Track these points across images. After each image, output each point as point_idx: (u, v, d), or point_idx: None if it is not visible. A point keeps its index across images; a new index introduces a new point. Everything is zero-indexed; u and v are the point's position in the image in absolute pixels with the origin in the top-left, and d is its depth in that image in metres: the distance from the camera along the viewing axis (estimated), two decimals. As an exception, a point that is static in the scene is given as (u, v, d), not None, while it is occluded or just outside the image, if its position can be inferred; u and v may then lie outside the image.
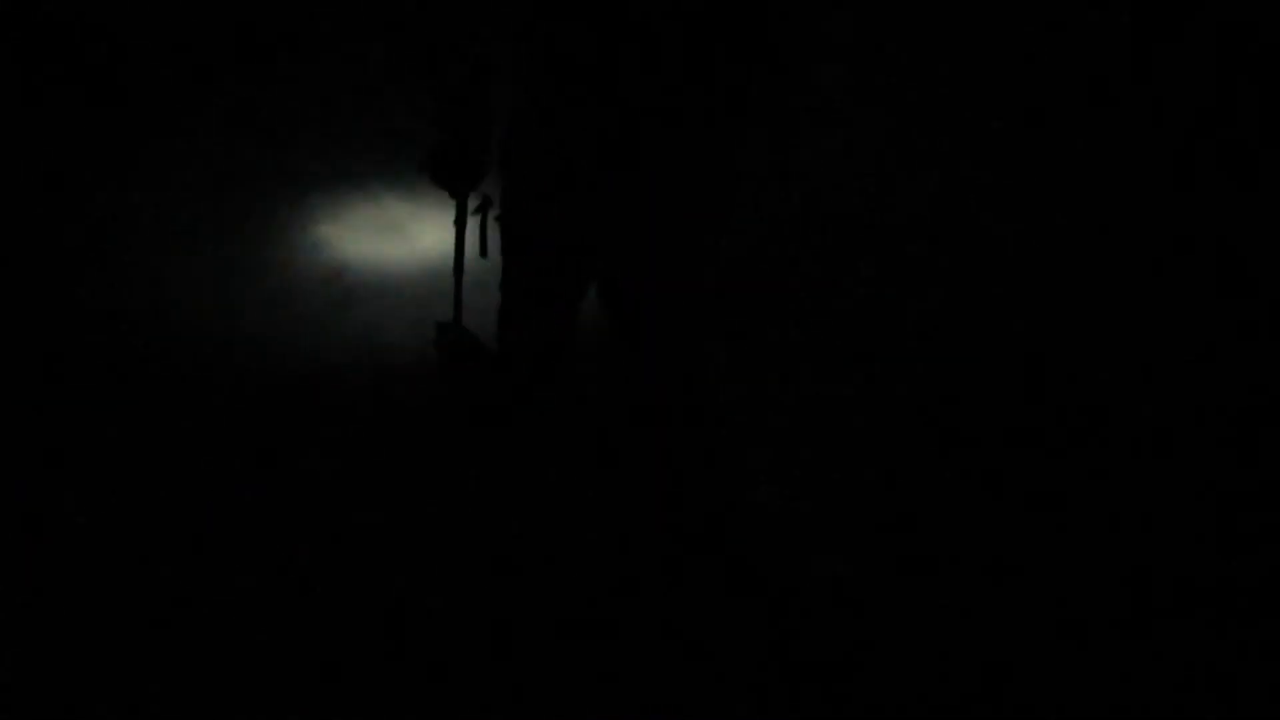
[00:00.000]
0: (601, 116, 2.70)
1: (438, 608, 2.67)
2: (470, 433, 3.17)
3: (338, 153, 4.57)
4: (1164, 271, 4.03)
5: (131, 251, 4.09)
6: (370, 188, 4.41)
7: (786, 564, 2.81)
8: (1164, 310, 3.84)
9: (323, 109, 4.90)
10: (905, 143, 4.92)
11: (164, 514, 2.98)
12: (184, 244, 4.19)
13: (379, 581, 2.76)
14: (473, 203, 2.96)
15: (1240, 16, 4.95)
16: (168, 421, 3.34)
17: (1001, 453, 3.20)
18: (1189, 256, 4.08)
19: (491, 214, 2.93)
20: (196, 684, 2.45)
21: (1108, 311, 3.86)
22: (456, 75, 2.76)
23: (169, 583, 2.75)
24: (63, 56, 5.02)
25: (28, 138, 4.65)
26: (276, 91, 5.01)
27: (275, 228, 4.29)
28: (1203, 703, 2.40)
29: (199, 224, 4.30)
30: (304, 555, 2.84)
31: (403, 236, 4.14)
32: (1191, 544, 2.83)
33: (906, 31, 5.41)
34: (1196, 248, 4.12)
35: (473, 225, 2.91)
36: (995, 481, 3.08)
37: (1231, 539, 2.85)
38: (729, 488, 3.10)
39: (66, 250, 4.09)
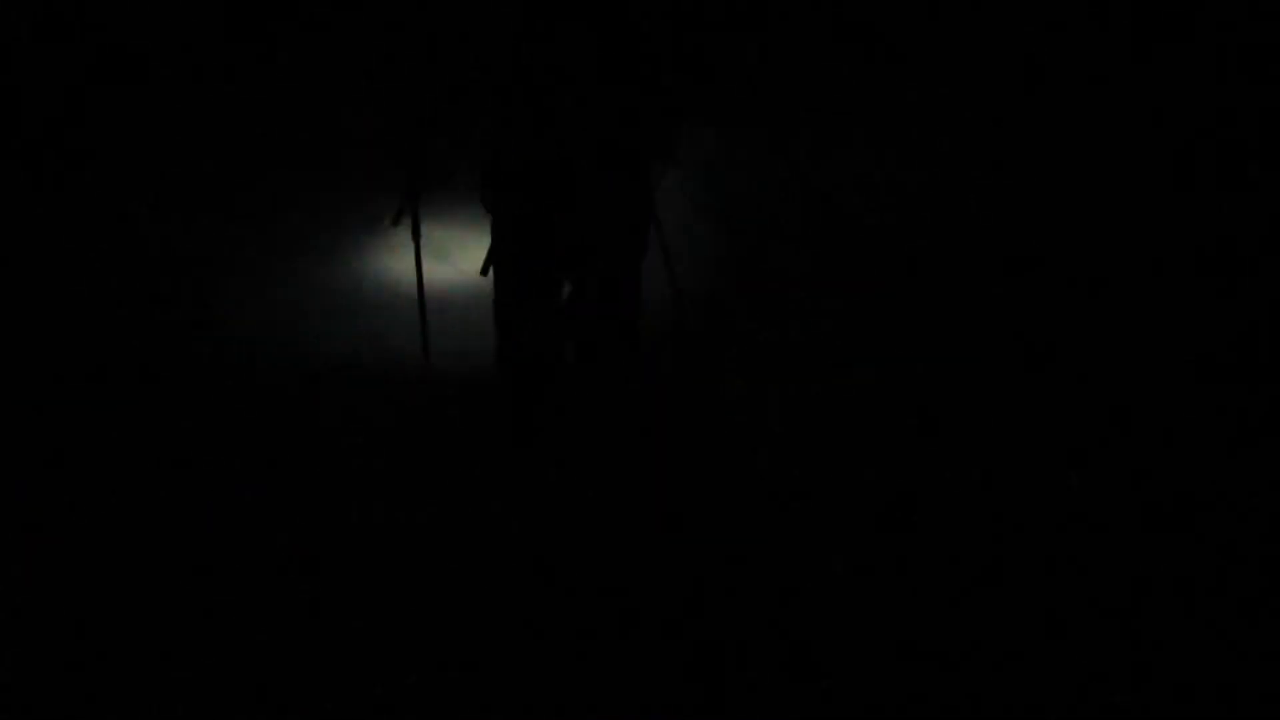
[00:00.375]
0: (603, 116, 2.70)
1: (438, 608, 2.67)
2: (479, 440, 3.18)
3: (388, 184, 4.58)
4: (1163, 271, 4.03)
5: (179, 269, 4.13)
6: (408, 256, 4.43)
7: (787, 563, 2.81)
8: (1163, 310, 3.84)
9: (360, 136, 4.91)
10: (905, 142, 4.93)
11: (166, 515, 2.98)
12: (235, 265, 4.22)
13: (378, 582, 2.76)
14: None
15: (1240, 16, 4.95)
16: (178, 425, 3.35)
17: (1002, 452, 3.20)
18: (1188, 256, 4.08)
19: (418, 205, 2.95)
20: (196, 684, 2.45)
21: (1108, 311, 3.86)
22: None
23: (170, 583, 2.75)
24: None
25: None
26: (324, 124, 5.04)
27: (325, 251, 4.28)
28: (1203, 703, 2.40)
29: (249, 247, 4.33)
30: (304, 555, 2.84)
31: (446, 261, 4.17)
32: (1192, 544, 2.83)
33: (906, 31, 5.41)
34: (1196, 248, 4.12)
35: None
36: (996, 481, 3.08)
37: (1231, 539, 2.85)
38: (729, 486, 3.10)
39: (132, 279, 4.11)
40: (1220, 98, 4.77)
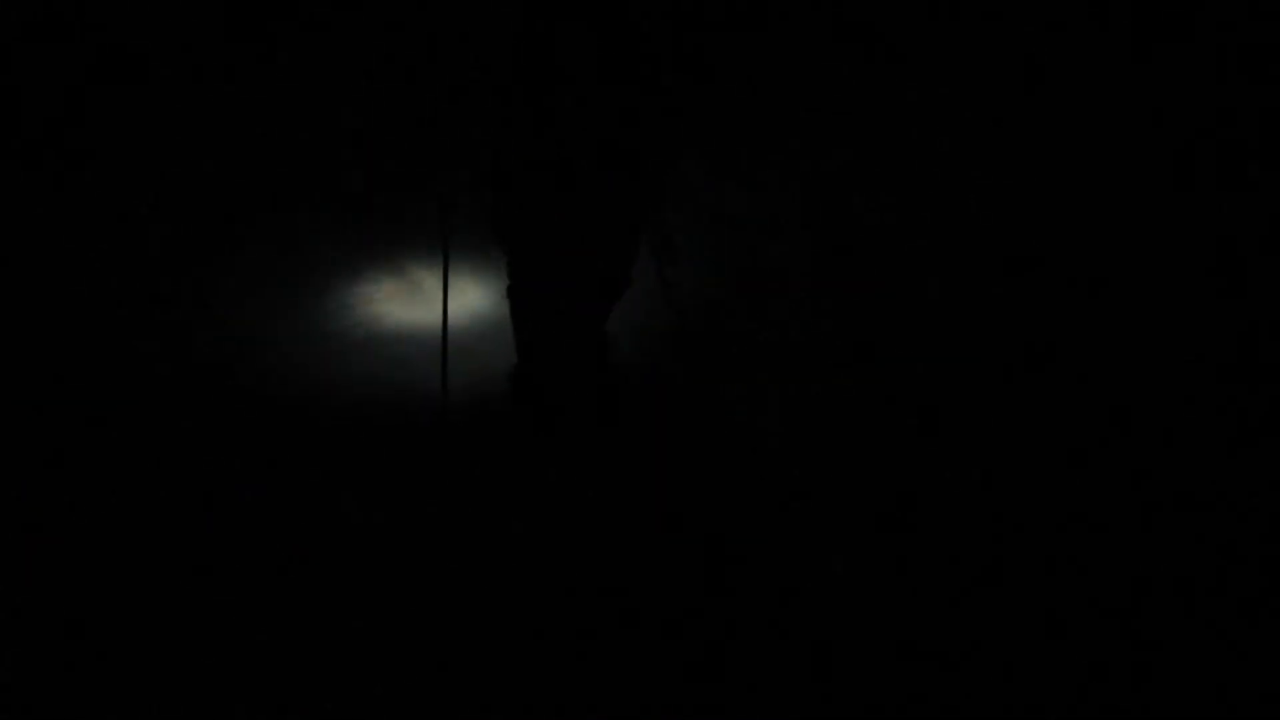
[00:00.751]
0: (602, 116, 2.70)
1: (438, 608, 2.68)
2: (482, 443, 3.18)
3: (387, 235, 4.56)
4: (1163, 271, 4.03)
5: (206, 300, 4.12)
6: (405, 263, 4.40)
7: (786, 564, 2.81)
8: (1163, 309, 3.84)
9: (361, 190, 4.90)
10: (905, 142, 4.92)
11: (166, 515, 2.98)
12: (235, 265, 4.21)
13: (378, 582, 2.76)
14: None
15: (1240, 17, 4.95)
16: (178, 425, 3.35)
17: (1001, 452, 3.21)
18: (1188, 256, 4.08)
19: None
20: (197, 684, 2.45)
21: (1108, 311, 3.86)
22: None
23: (170, 583, 2.75)
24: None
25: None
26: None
27: (331, 288, 4.26)
28: (1202, 703, 2.40)
29: (250, 247, 4.32)
30: (304, 555, 2.84)
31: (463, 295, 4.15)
32: (1192, 544, 2.84)
33: (907, 31, 5.41)
34: (1196, 248, 4.12)
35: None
36: (996, 481, 3.08)
37: (1231, 539, 2.85)
38: (729, 486, 3.10)
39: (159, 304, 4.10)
40: (1220, 98, 4.77)
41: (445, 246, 3.34)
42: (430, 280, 4.05)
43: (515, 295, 3.08)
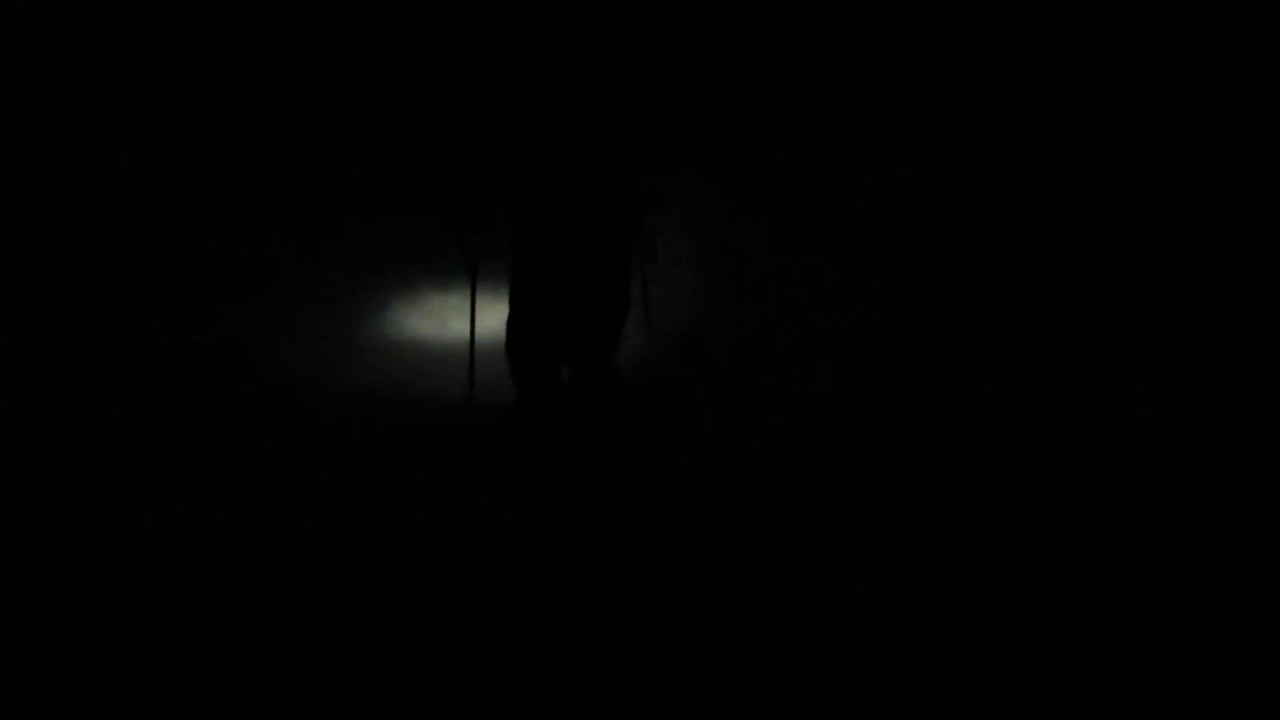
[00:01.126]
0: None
1: (437, 606, 2.68)
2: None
3: (415, 252, 4.57)
4: (1163, 271, 4.03)
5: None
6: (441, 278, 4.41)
7: (785, 563, 2.82)
8: (1163, 310, 3.84)
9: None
10: (905, 140, 4.93)
11: (167, 516, 2.99)
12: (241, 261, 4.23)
13: (379, 581, 2.77)
14: None
15: (1239, 19, 4.95)
16: (181, 427, 3.37)
17: (999, 450, 3.21)
18: (1188, 256, 4.08)
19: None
20: (196, 683, 2.46)
21: (1107, 310, 3.86)
22: None
23: (170, 584, 2.76)
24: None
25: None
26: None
27: (357, 313, 4.26)
28: (1196, 701, 2.40)
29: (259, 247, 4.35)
30: (305, 556, 2.85)
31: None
32: (1190, 542, 2.84)
33: (908, 31, 5.42)
34: (1195, 248, 4.12)
35: None
36: (993, 479, 3.09)
37: (1231, 537, 2.85)
38: (727, 488, 3.11)
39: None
40: (1220, 97, 4.77)
41: (474, 272, 3.41)
42: (457, 312, 4.07)
43: (516, 298, 3.12)
